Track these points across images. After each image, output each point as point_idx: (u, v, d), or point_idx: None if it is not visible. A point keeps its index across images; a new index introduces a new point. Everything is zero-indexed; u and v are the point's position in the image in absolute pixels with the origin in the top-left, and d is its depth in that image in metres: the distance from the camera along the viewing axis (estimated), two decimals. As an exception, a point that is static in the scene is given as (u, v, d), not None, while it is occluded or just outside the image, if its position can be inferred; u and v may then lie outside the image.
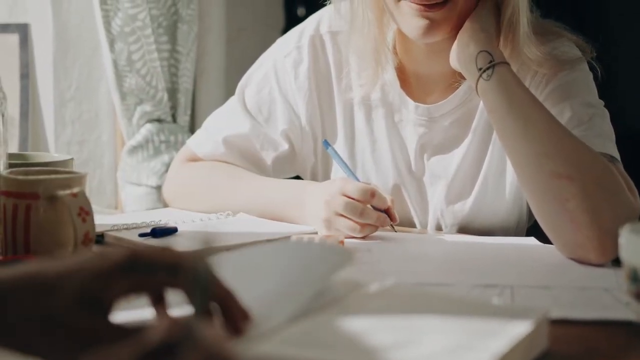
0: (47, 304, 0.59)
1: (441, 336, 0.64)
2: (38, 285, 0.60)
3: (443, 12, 1.16)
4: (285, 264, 0.78)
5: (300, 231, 1.18)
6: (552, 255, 1.09)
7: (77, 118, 1.95)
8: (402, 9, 1.17)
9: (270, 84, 1.36)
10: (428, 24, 1.16)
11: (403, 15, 1.18)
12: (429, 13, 1.16)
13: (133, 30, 1.84)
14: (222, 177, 1.34)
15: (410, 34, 1.19)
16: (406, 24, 1.18)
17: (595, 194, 1.06)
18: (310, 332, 0.63)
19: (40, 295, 0.60)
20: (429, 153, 1.31)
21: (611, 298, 0.88)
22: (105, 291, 0.59)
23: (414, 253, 1.10)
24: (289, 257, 0.80)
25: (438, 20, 1.17)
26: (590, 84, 1.26)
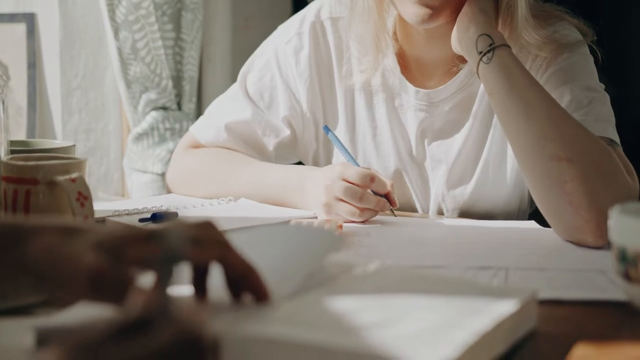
0: (70, 242, 0.60)
1: (426, 315, 0.64)
2: (62, 228, 0.62)
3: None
4: (279, 246, 0.78)
5: (301, 216, 1.18)
6: (550, 238, 1.09)
7: (84, 106, 1.97)
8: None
9: (271, 71, 1.37)
10: (428, 11, 1.16)
11: (403, 2, 1.18)
12: (427, 0, 1.16)
13: (137, 19, 1.85)
14: (224, 163, 1.35)
15: (410, 21, 1.19)
16: (406, 11, 1.18)
17: (594, 177, 1.06)
18: (296, 312, 0.64)
19: (64, 236, 0.61)
20: (430, 138, 1.32)
21: (605, 279, 0.88)
22: (125, 249, 0.60)
23: (412, 237, 1.11)
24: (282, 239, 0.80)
25: (438, 7, 1.17)
26: (591, 68, 1.25)
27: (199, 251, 0.63)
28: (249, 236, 0.82)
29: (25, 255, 0.60)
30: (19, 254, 0.60)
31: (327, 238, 0.80)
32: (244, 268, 0.65)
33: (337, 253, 0.77)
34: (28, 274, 0.60)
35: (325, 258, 0.75)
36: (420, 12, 1.17)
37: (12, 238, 0.61)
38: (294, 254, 0.76)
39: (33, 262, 0.60)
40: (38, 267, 0.60)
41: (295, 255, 0.76)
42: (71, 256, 0.59)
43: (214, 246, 0.64)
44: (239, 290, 0.65)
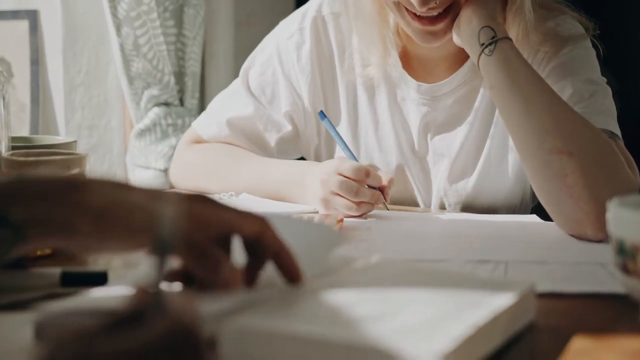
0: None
1: (424, 308, 0.64)
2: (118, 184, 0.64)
3: (447, 21, 1.17)
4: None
5: (301, 211, 1.18)
6: (551, 231, 1.09)
7: (87, 103, 1.97)
8: (405, 17, 1.18)
9: (273, 66, 1.37)
10: (431, 35, 1.18)
11: (406, 21, 1.19)
12: (431, 27, 1.17)
13: (139, 15, 1.85)
14: (226, 159, 1.35)
15: (417, 42, 1.22)
16: (411, 33, 1.21)
17: (595, 170, 1.06)
18: (294, 304, 0.64)
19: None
20: (432, 132, 1.32)
21: (605, 273, 0.88)
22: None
23: (412, 231, 1.11)
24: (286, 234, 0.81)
25: (443, 29, 1.18)
26: (593, 61, 1.25)
27: (242, 222, 0.65)
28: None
29: (87, 199, 0.61)
30: (79, 197, 0.61)
31: (329, 234, 0.80)
32: (281, 247, 0.67)
33: (339, 249, 0.77)
34: (88, 217, 0.61)
35: (328, 254, 0.76)
36: (425, 37, 1.19)
37: (72, 184, 0.62)
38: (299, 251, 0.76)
39: (97, 206, 0.61)
40: (102, 211, 0.61)
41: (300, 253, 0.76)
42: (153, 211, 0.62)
43: (255, 221, 0.66)
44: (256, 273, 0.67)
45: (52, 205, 0.60)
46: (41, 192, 0.61)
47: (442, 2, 1.15)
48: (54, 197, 0.61)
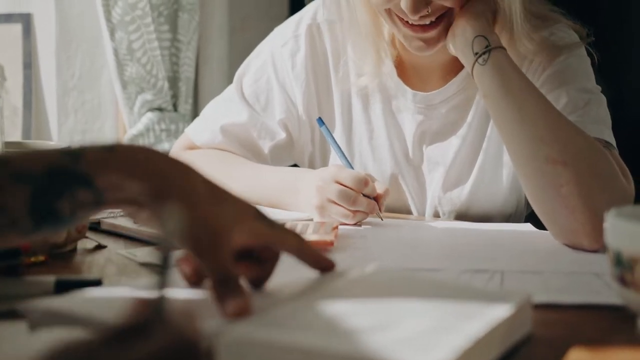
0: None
1: (420, 319, 0.64)
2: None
3: (439, 29, 1.17)
4: None
5: (295, 218, 1.18)
6: (546, 240, 1.09)
7: (80, 107, 1.96)
8: (397, 25, 1.18)
9: (267, 73, 1.36)
10: (424, 42, 1.18)
11: (398, 29, 1.19)
12: (424, 34, 1.17)
13: (133, 19, 1.85)
14: (219, 165, 1.35)
15: (410, 49, 1.21)
16: (405, 41, 1.21)
17: (590, 180, 1.06)
18: (291, 315, 0.64)
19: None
20: (427, 141, 1.32)
21: (601, 283, 0.88)
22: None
23: (408, 239, 1.11)
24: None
25: (436, 37, 1.18)
26: (587, 70, 1.25)
27: (285, 238, 0.71)
28: None
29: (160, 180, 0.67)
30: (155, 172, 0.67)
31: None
32: (319, 258, 0.74)
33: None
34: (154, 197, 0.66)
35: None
36: (418, 44, 1.19)
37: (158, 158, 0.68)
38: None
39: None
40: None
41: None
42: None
43: (295, 236, 0.72)
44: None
45: (131, 175, 0.65)
46: (124, 161, 0.66)
47: (435, 11, 1.15)
48: (134, 167, 0.66)
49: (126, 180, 0.65)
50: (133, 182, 0.65)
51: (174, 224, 0.52)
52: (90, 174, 0.64)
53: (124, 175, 0.65)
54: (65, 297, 0.69)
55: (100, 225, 1.15)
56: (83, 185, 0.64)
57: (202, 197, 0.67)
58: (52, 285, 0.79)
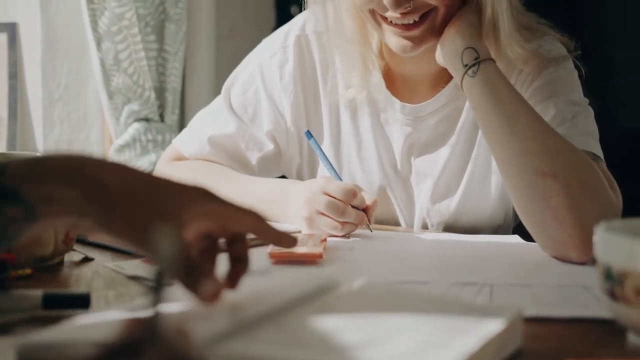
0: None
1: (412, 334, 0.64)
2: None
3: (423, 28, 1.17)
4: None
5: (284, 230, 1.17)
6: (534, 253, 1.09)
7: (66, 117, 1.95)
8: (383, 29, 1.18)
9: (255, 84, 1.36)
10: (409, 42, 1.17)
11: (384, 33, 1.19)
12: (409, 33, 1.17)
13: (120, 29, 1.84)
14: (207, 176, 1.34)
15: (394, 50, 1.20)
16: (390, 42, 1.20)
17: (579, 193, 1.06)
18: (282, 331, 0.64)
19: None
20: (416, 152, 1.32)
21: (590, 296, 0.88)
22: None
23: (396, 252, 1.10)
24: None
25: (420, 36, 1.17)
26: (575, 82, 1.26)
27: (241, 216, 0.69)
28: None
29: (99, 180, 0.64)
30: (92, 176, 0.65)
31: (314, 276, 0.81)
32: (279, 235, 0.73)
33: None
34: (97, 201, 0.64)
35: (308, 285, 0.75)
36: (402, 43, 1.18)
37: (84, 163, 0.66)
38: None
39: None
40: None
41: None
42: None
43: (252, 215, 0.71)
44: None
45: (64, 183, 0.62)
46: (54, 170, 0.62)
47: (417, 7, 1.15)
48: (66, 175, 0.62)
49: (60, 189, 0.62)
50: (68, 190, 0.62)
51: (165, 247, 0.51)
52: (17, 187, 0.60)
53: (57, 185, 0.62)
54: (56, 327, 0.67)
55: (87, 237, 1.14)
56: (11, 200, 0.60)
57: (143, 196, 0.65)
58: (40, 299, 0.79)
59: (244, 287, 0.76)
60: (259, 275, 0.80)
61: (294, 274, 0.82)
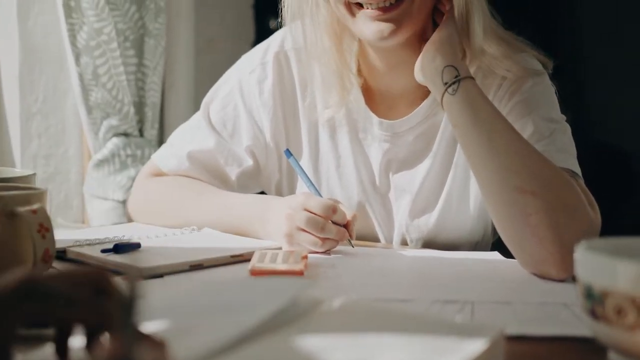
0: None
1: (397, 354, 0.64)
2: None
3: (400, 11, 1.17)
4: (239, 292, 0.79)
5: (265, 246, 1.17)
6: (514, 270, 1.10)
7: (44, 132, 1.94)
8: (358, 19, 1.18)
9: (235, 100, 1.36)
10: (389, 26, 1.17)
11: (362, 24, 1.18)
12: (386, 15, 1.16)
13: (98, 44, 1.83)
14: (186, 192, 1.34)
15: (372, 38, 1.19)
16: (367, 29, 1.18)
17: (558, 210, 1.07)
18: (266, 351, 0.63)
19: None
20: (394, 169, 1.32)
21: (570, 314, 0.89)
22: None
23: (377, 268, 1.10)
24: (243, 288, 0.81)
25: (397, 20, 1.17)
26: (553, 99, 1.27)
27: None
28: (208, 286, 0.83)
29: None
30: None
31: (292, 282, 0.80)
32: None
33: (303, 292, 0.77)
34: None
35: (290, 297, 0.75)
36: (380, 28, 1.17)
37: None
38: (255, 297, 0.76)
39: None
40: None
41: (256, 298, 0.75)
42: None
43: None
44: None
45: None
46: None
47: None
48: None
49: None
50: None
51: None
52: None
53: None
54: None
55: (66, 254, 1.13)
56: None
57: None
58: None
59: (222, 301, 0.75)
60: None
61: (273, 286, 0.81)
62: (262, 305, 0.71)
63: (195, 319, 0.69)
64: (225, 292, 0.81)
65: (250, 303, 0.74)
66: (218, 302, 0.75)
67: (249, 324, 0.65)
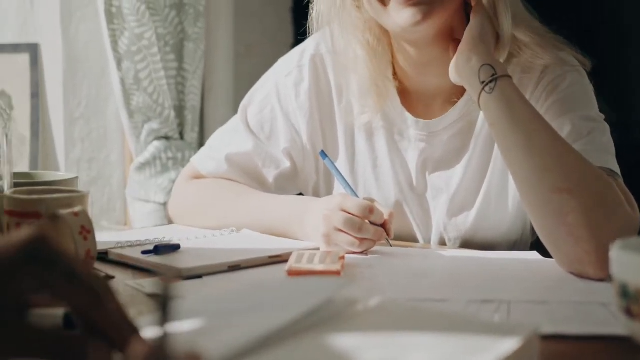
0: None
1: (428, 353, 0.64)
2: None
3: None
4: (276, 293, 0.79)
5: (302, 247, 1.18)
6: (552, 269, 1.09)
7: (87, 136, 1.97)
8: (390, 9, 1.18)
9: (271, 103, 1.38)
10: (420, 9, 1.16)
11: (394, 12, 1.18)
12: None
13: (139, 49, 1.86)
14: (225, 194, 1.35)
15: (405, 24, 1.18)
16: (399, 18, 1.18)
17: (595, 209, 1.06)
18: (298, 351, 0.64)
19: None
20: (431, 168, 1.32)
21: (607, 312, 0.88)
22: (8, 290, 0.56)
23: (414, 269, 1.11)
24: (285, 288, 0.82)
25: (428, 3, 1.17)
26: (591, 98, 1.26)
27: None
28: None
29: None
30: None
31: (328, 282, 0.81)
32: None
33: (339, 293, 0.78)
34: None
35: (325, 297, 0.75)
36: (412, 12, 1.17)
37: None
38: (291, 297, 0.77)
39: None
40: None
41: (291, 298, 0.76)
42: None
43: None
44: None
45: None
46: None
47: None
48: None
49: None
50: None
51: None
52: None
53: None
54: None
55: (108, 255, 1.15)
56: None
57: None
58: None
59: (257, 301, 0.76)
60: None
61: (309, 286, 0.81)
62: (296, 304, 0.72)
63: (229, 318, 0.70)
64: (261, 292, 0.82)
65: (285, 303, 0.75)
66: (253, 302, 0.76)
67: (279, 323, 0.66)
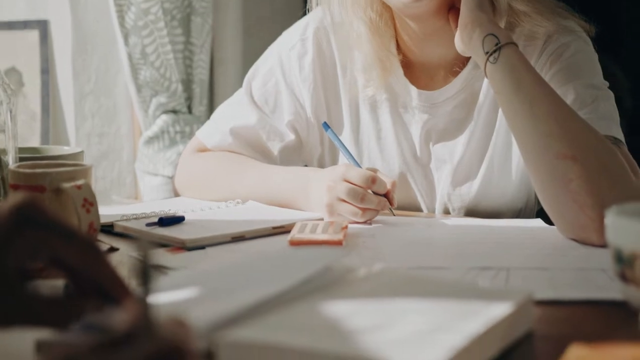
0: None
1: (420, 318, 0.65)
2: None
3: None
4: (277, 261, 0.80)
5: (306, 218, 1.19)
6: (554, 236, 1.09)
7: (97, 111, 1.99)
8: None
9: (275, 76, 1.38)
10: None
11: None
12: None
13: (146, 24, 1.87)
14: (230, 167, 1.36)
15: (406, 0, 1.18)
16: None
17: (599, 176, 1.06)
18: (288, 316, 0.65)
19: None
20: (434, 139, 1.32)
21: (606, 278, 0.88)
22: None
23: (416, 238, 1.11)
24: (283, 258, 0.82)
25: None
26: (595, 66, 1.25)
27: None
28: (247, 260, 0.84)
29: None
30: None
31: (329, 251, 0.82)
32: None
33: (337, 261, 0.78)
34: None
35: (322, 265, 0.76)
36: None
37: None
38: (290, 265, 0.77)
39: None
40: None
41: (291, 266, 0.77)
42: None
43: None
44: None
45: None
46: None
47: None
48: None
49: None
50: None
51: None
52: None
53: None
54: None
55: (113, 227, 1.16)
56: None
57: None
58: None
59: (257, 270, 0.77)
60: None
61: (309, 255, 0.82)
62: (293, 273, 0.73)
63: (223, 287, 0.71)
64: (260, 261, 0.82)
65: (283, 272, 0.75)
66: (250, 272, 0.77)
67: (270, 292, 0.67)
